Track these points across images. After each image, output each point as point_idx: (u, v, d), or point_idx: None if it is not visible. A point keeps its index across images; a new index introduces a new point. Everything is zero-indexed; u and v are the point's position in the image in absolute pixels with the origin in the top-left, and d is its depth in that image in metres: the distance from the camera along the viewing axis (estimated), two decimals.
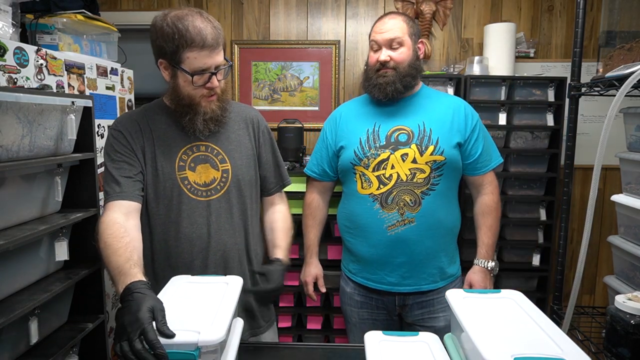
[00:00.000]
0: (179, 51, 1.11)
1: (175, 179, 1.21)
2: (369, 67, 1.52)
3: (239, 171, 1.26)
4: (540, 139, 2.39)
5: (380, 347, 0.92)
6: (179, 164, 1.22)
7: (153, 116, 1.25)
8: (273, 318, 1.42)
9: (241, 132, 1.30)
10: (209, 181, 1.23)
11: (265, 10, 2.77)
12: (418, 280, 1.48)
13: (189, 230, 1.22)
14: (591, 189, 1.19)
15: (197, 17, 1.11)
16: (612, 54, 1.39)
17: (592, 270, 2.82)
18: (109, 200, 1.16)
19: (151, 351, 0.76)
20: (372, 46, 1.51)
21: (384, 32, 1.47)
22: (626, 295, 1.03)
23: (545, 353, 0.74)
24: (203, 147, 1.24)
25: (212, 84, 1.16)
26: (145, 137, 1.22)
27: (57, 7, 1.82)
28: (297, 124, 2.58)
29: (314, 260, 1.68)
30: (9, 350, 1.25)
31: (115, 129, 1.22)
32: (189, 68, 1.12)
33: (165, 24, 1.11)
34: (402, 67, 1.46)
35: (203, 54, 1.11)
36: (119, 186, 1.16)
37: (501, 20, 2.68)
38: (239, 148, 1.28)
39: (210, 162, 1.24)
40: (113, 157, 1.19)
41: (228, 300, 0.95)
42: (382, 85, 1.46)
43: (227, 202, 1.25)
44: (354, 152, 1.49)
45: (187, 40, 1.09)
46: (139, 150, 1.21)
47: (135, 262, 0.98)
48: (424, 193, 1.43)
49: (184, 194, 1.21)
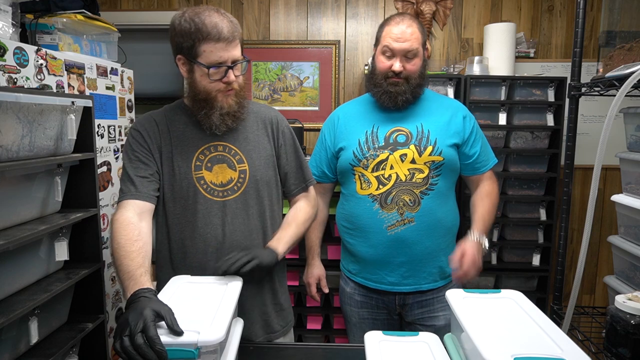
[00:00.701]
0: (195, 45, 1.11)
1: (192, 179, 1.21)
2: (378, 71, 1.48)
3: (256, 172, 1.25)
4: (540, 139, 2.39)
5: (380, 347, 0.92)
6: (196, 163, 1.22)
7: (172, 116, 1.25)
8: (290, 324, 1.38)
9: (260, 133, 1.29)
10: (226, 181, 1.23)
11: (265, 10, 2.77)
12: (418, 280, 1.48)
13: (203, 230, 1.21)
14: (591, 189, 1.19)
15: (214, 13, 1.12)
16: (612, 54, 1.39)
17: (592, 270, 2.82)
18: (123, 198, 1.17)
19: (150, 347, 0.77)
20: (384, 51, 1.45)
21: (402, 41, 1.42)
22: (626, 295, 1.03)
23: (545, 353, 0.74)
24: (220, 147, 1.23)
25: (229, 78, 1.15)
26: (162, 137, 1.23)
27: (57, 7, 1.82)
28: (297, 124, 2.58)
29: (316, 261, 1.68)
30: (9, 350, 1.25)
31: (134, 128, 1.24)
32: (205, 61, 1.12)
33: (183, 19, 1.12)
34: (414, 77, 1.45)
35: (219, 47, 1.11)
36: (133, 186, 1.17)
37: (501, 20, 2.68)
38: (257, 148, 1.27)
39: (227, 162, 1.23)
40: (130, 157, 1.21)
41: (227, 301, 0.95)
42: (393, 94, 1.45)
43: (243, 203, 1.24)
44: (353, 153, 1.49)
45: (203, 34, 1.10)
46: (155, 151, 1.22)
47: (146, 270, 1.01)
48: (423, 193, 1.43)
49: (200, 194, 1.21)
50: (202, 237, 1.21)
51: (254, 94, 2.83)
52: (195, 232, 1.21)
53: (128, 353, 0.77)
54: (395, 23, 1.44)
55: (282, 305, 1.34)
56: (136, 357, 0.77)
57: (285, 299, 1.36)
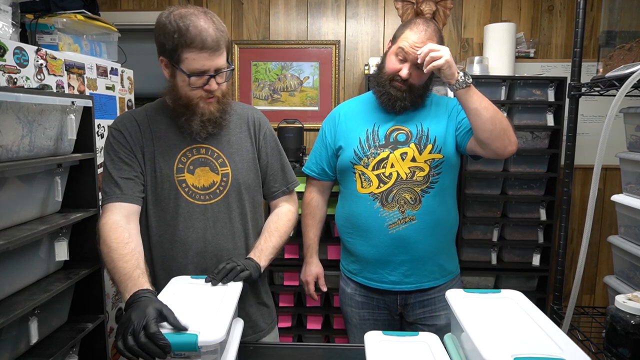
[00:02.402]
0: (178, 50, 1.08)
1: (173, 182, 1.19)
2: (385, 71, 1.46)
3: (239, 175, 1.24)
4: (540, 139, 2.39)
5: (380, 347, 0.92)
6: (178, 166, 1.20)
7: (154, 116, 1.23)
8: (275, 321, 1.39)
9: (242, 135, 1.27)
10: (208, 185, 1.21)
11: (265, 10, 2.77)
12: (420, 278, 1.48)
13: (184, 234, 1.19)
14: (591, 189, 1.19)
15: (201, 17, 1.08)
16: (612, 54, 1.39)
17: (592, 270, 2.82)
18: (108, 201, 1.14)
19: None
20: (397, 53, 1.41)
21: (417, 48, 1.35)
22: (626, 295, 1.03)
23: (545, 353, 0.74)
24: (203, 150, 1.22)
25: (211, 86, 1.12)
26: (144, 137, 1.20)
27: (57, 7, 1.82)
28: (297, 124, 2.58)
29: (314, 260, 1.68)
30: (9, 350, 1.25)
31: (115, 128, 1.20)
32: (186, 69, 1.09)
33: (168, 20, 1.08)
34: (417, 87, 1.44)
35: (202, 56, 1.07)
36: (118, 188, 1.15)
37: (501, 20, 2.68)
38: (240, 151, 1.25)
39: (210, 165, 1.21)
40: (112, 158, 1.18)
41: (228, 301, 0.95)
42: (392, 97, 1.44)
43: (226, 207, 1.22)
44: (353, 151, 1.49)
45: (186, 40, 1.06)
46: (138, 151, 1.19)
47: (143, 271, 1.01)
48: (424, 191, 1.44)
49: (182, 197, 1.19)
50: (182, 240, 1.19)
51: (253, 94, 2.83)
52: (175, 235, 1.19)
53: (132, 351, 0.78)
54: (417, 30, 1.39)
55: (266, 304, 1.34)
56: (141, 354, 0.78)
57: (267, 297, 1.36)
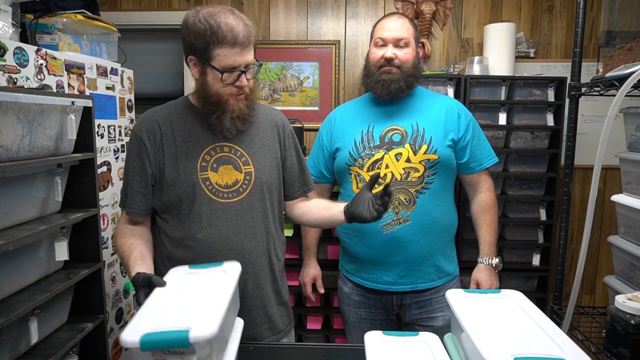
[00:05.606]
0: (210, 48, 1.10)
1: (197, 179, 1.19)
2: (371, 63, 1.51)
3: (262, 174, 1.24)
4: (540, 139, 2.39)
5: (380, 347, 0.92)
6: (201, 164, 1.20)
7: (177, 115, 1.24)
8: (292, 321, 1.39)
9: (266, 135, 1.29)
10: (232, 183, 1.22)
11: (265, 10, 2.77)
12: (415, 279, 1.48)
13: (207, 231, 1.20)
14: (591, 189, 1.19)
15: (229, 15, 1.11)
16: (612, 54, 1.39)
17: (592, 270, 2.82)
18: (122, 207, 1.26)
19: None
20: (376, 42, 1.50)
21: (392, 30, 1.46)
22: (626, 295, 1.03)
23: (545, 353, 0.74)
24: (227, 148, 1.22)
25: (242, 82, 1.15)
26: (165, 138, 1.21)
27: (57, 7, 1.82)
28: (297, 124, 2.58)
29: (312, 262, 1.69)
30: (9, 350, 1.25)
31: (135, 132, 1.23)
32: (219, 65, 1.11)
33: (197, 20, 1.10)
34: (407, 66, 1.46)
35: (234, 52, 1.10)
36: (127, 200, 1.23)
37: (501, 20, 2.68)
38: (263, 150, 1.26)
39: (233, 164, 1.22)
40: (128, 165, 1.23)
41: (223, 294, 0.91)
42: (386, 82, 1.46)
43: (249, 205, 1.23)
44: (348, 153, 1.50)
45: (218, 37, 1.08)
46: (155, 154, 1.20)
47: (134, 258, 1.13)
48: (418, 192, 1.44)
49: (205, 195, 1.20)
50: (205, 238, 1.20)
51: None
52: (199, 233, 1.20)
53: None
54: (386, 18, 1.53)
55: (285, 303, 1.35)
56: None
57: (286, 293, 1.36)
